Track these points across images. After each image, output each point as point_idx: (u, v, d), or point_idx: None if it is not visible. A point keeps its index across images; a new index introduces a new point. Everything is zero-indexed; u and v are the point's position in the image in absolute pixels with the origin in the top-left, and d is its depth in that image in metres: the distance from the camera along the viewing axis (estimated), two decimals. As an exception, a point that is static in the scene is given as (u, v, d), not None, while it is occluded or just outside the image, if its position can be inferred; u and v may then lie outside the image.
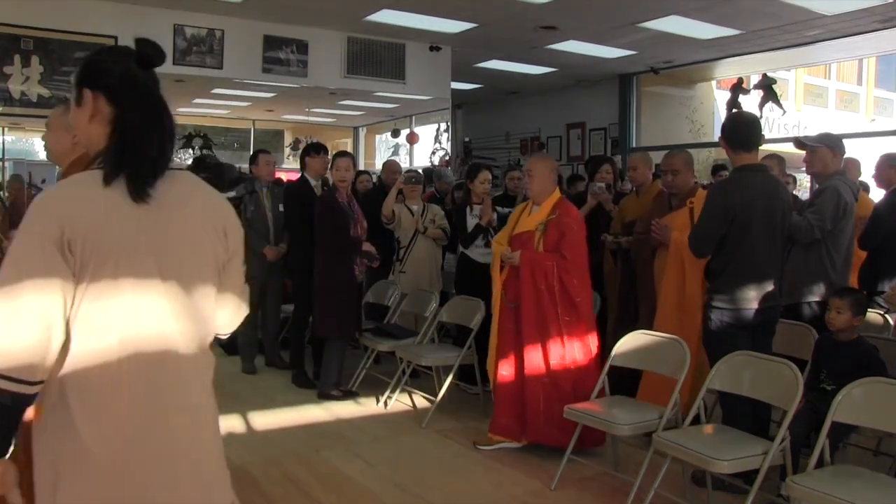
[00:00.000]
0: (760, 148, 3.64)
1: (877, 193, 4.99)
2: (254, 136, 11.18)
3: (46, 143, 2.04)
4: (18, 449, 1.44)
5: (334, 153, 5.17)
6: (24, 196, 6.68)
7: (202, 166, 6.00)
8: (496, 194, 5.64)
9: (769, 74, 9.28)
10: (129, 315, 1.37)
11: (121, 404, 1.36)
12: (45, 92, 6.38)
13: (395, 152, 11.64)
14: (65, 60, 6.35)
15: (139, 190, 1.38)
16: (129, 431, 1.36)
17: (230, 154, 11.68)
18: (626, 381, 3.91)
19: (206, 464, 1.49)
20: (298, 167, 5.56)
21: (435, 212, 5.58)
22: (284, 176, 8.02)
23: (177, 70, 6.80)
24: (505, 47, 8.37)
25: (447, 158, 10.03)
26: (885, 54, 11.20)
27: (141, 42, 1.48)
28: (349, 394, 4.97)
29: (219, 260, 1.53)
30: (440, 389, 4.51)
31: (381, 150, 12.69)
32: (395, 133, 11.26)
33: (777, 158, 4.83)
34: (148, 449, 1.38)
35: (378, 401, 4.86)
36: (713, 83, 11.01)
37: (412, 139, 10.58)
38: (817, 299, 3.86)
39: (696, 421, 3.23)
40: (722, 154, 5.14)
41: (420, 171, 6.50)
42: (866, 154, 5.94)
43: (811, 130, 7.44)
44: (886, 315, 4.13)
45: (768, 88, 9.13)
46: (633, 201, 4.77)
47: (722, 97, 10.37)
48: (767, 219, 3.40)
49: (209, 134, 10.78)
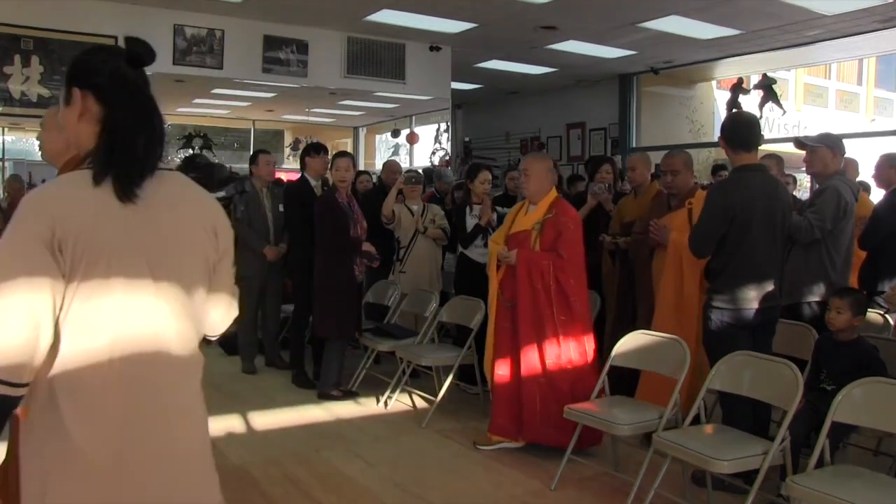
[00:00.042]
0: (759, 148, 3.65)
1: (878, 194, 4.98)
2: (254, 136, 11.17)
3: (41, 143, 2.02)
4: (11, 457, 1.42)
5: (334, 153, 5.17)
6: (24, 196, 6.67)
7: (191, 166, 5.95)
8: (496, 194, 5.64)
9: (769, 74, 9.29)
10: (121, 315, 1.36)
11: (113, 404, 1.35)
12: (45, 92, 6.38)
13: (395, 152, 11.63)
14: (65, 60, 6.33)
15: (126, 190, 1.36)
16: (122, 431, 1.35)
17: (230, 154, 11.68)
18: (626, 381, 3.91)
19: (197, 464, 1.48)
20: (298, 167, 5.56)
21: (435, 212, 5.57)
22: (284, 176, 8.03)
23: (177, 70, 6.76)
24: (505, 47, 8.37)
25: (447, 158, 10.02)
26: (885, 54, 11.20)
27: (131, 41, 1.47)
28: (349, 394, 4.97)
29: (209, 260, 1.52)
30: (440, 389, 4.51)
31: (381, 150, 12.68)
32: (395, 133, 11.26)
33: (775, 158, 4.83)
34: (141, 449, 1.37)
35: (378, 401, 4.86)
36: (713, 83, 11.01)
37: (412, 139, 10.58)
38: (817, 299, 3.86)
39: (696, 421, 3.23)
40: (722, 154, 5.13)
41: (420, 171, 6.50)
42: (866, 154, 5.93)
43: (811, 130, 7.45)
44: (886, 315, 4.13)
45: (768, 88, 9.14)
46: (632, 202, 4.76)
47: (722, 97, 10.37)
48: (767, 219, 3.40)
49: (209, 134, 10.78)
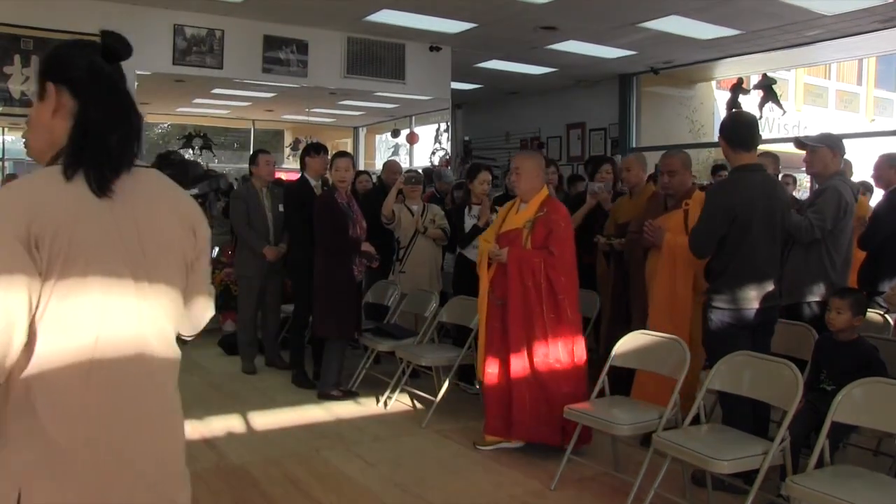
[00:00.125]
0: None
1: (878, 194, 4.98)
2: (254, 136, 11.16)
3: (26, 142, 2.02)
4: None
5: (334, 153, 5.17)
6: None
7: (166, 163, 5.91)
8: (496, 195, 5.63)
9: (769, 74, 9.28)
10: (101, 314, 1.33)
11: (95, 404, 1.32)
12: (45, 92, 6.38)
13: (395, 152, 11.61)
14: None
15: (100, 184, 1.33)
16: (104, 431, 1.33)
17: (230, 154, 11.68)
18: (624, 381, 3.91)
19: (175, 464, 1.47)
20: (298, 167, 5.56)
21: (435, 212, 5.57)
22: (284, 176, 8.02)
23: (177, 70, 6.75)
24: (505, 47, 8.37)
25: (447, 158, 10.01)
26: (885, 54, 11.20)
27: (106, 34, 1.42)
28: (349, 394, 4.97)
29: (187, 259, 1.49)
30: (440, 389, 4.51)
31: (381, 150, 12.66)
32: (395, 133, 11.24)
33: (771, 157, 4.82)
34: (122, 449, 1.35)
35: (378, 401, 4.86)
36: (713, 83, 11.01)
37: (412, 139, 10.56)
38: (817, 299, 3.86)
39: (696, 421, 3.23)
40: (722, 154, 5.13)
41: (420, 171, 6.50)
42: (866, 154, 5.93)
43: (811, 130, 7.45)
44: (886, 315, 4.13)
45: (768, 88, 9.14)
46: (627, 203, 4.75)
47: (722, 97, 10.37)
48: (767, 219, 3.40)
49: (209, 134, 10.76)
